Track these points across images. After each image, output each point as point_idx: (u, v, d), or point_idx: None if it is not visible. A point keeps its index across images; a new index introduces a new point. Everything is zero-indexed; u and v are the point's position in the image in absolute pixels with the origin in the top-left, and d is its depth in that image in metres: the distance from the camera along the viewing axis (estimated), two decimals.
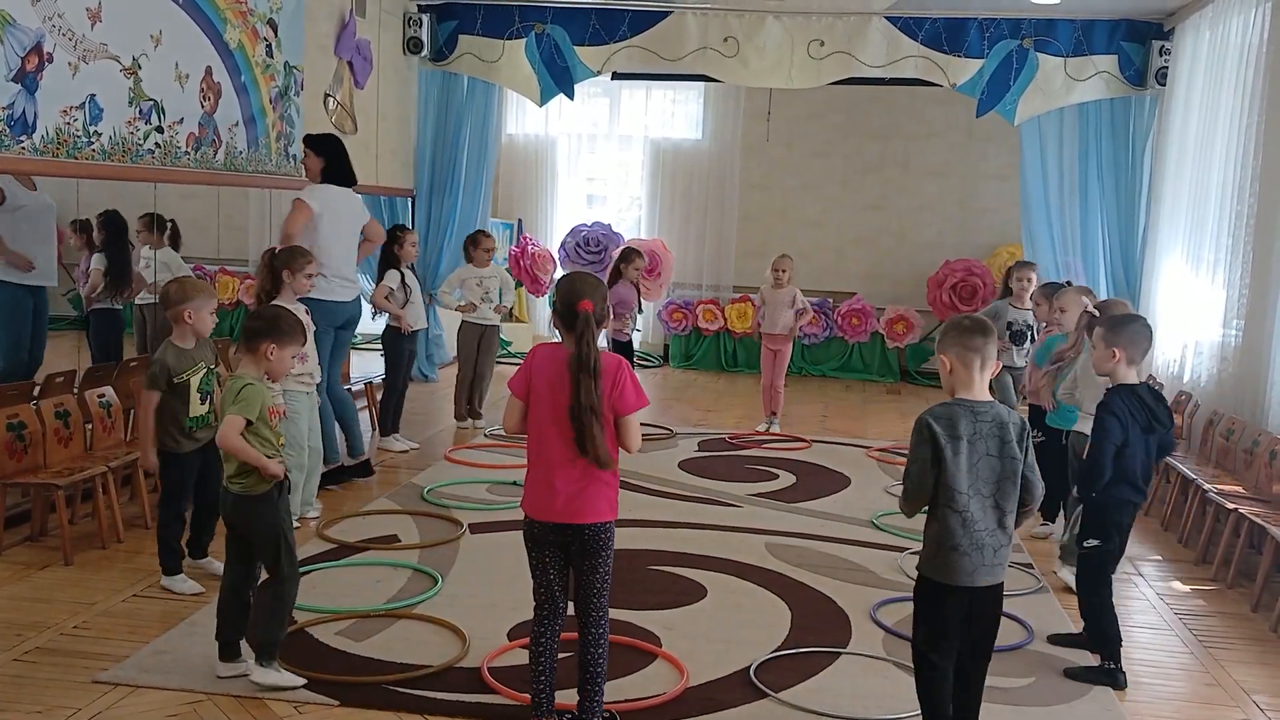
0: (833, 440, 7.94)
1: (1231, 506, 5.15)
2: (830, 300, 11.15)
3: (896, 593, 4.62)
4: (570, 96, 9.74)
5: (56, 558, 4.68)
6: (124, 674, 3.60)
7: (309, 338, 4.80)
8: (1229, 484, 5.62)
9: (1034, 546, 5.54)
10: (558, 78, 9.52)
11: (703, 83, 10.81)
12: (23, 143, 4.73)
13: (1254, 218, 6.43)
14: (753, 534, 5.51)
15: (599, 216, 11.74)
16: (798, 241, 11.36)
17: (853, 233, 11.66)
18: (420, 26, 9.34)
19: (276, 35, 6.93)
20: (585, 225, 11.43)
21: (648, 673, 3.79)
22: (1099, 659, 3.99)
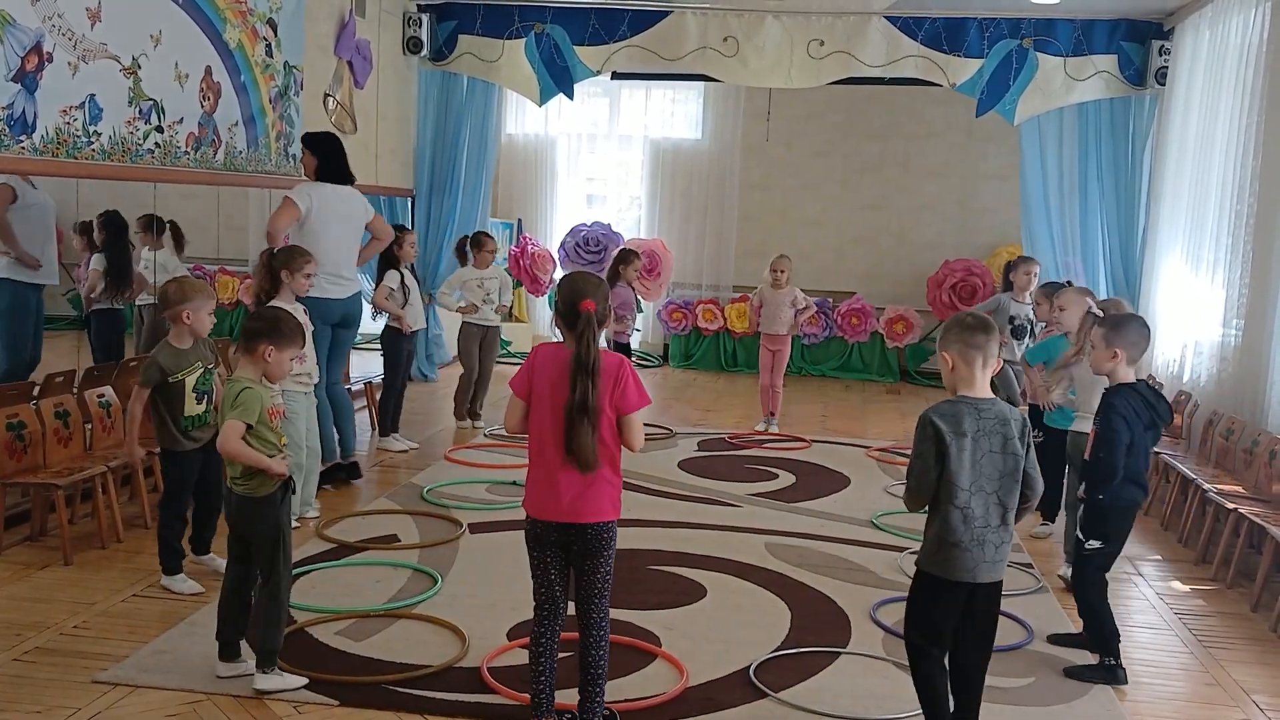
0: (832, 440, 7.93)
1: (1231, 506, 5.15)
2: (830, 300, 11.15)
3: (896, 593, 4.61)
4: (570, 96, 9.75)
5: (56, 557, 4.68)
6: (124, 674, 3.60)
7: (308, 339, 4.80)
8: (1229, 484, 5.62)
9: (1034, 546, 5.54)
10: (557, 77, 9.52)
11: (702, 82, 10.82)
12: (22, 142, 4.73)
13: (1254, 217, 6.43)
14: (752, 534, 5.51)
15: (599, 216, 11.73)
16: (797, 241, 11.36)
17: (852, 232, 11.66)
18: (420, 26, 9.34)
19: (276, 35, 6.93)
20: (585, 225, 11.43)
21: (647, 672, 3.79)
22: (1097, 657, 3.99)
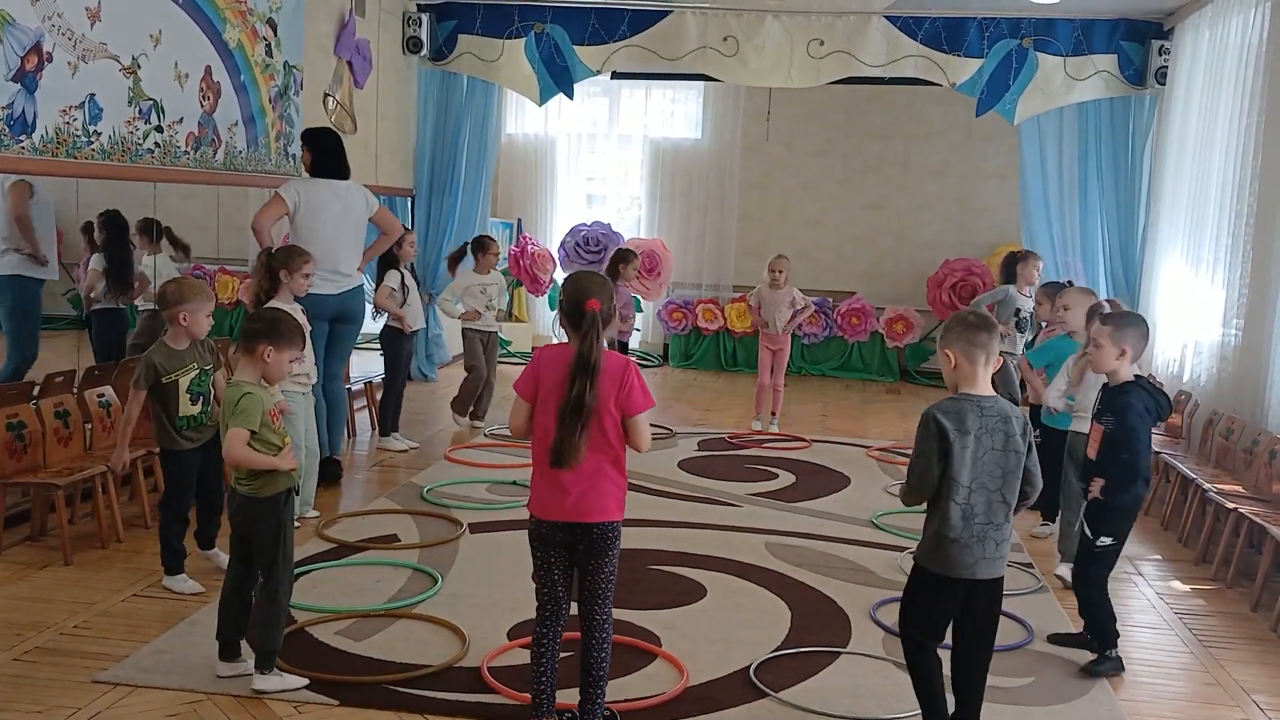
0: (832, 440, 7.93)
1: (1231, 506, 5.15)
2: (830, 300, 11.15)
3: (897, 592, 4.57)
4: (570, 96, 9.74)
5: (56, 557, 4.68)
6: (124, 674, 3.60)
7: (306, 341, 4.80)
8: (1229, 483, 5.62)
9: (1034, 546, 5.54)
10: (557, 77, 9.52)
11: (702, 82, 10.81)
12: (22, 142, 4.72)
13: (1253, 217, 6.43)
14: (753, 534, 5.51)
15: (598, 216, 11.73)
16: (797, 241, 11.37)
17: (852, 232, 11.66)
18: (420, 26, 9.34)
19: (276, 35, 6.93)
20: (585, 225, 11.43)
21: (648, 672, 3.79)
22: (1097, 653, 4.02)
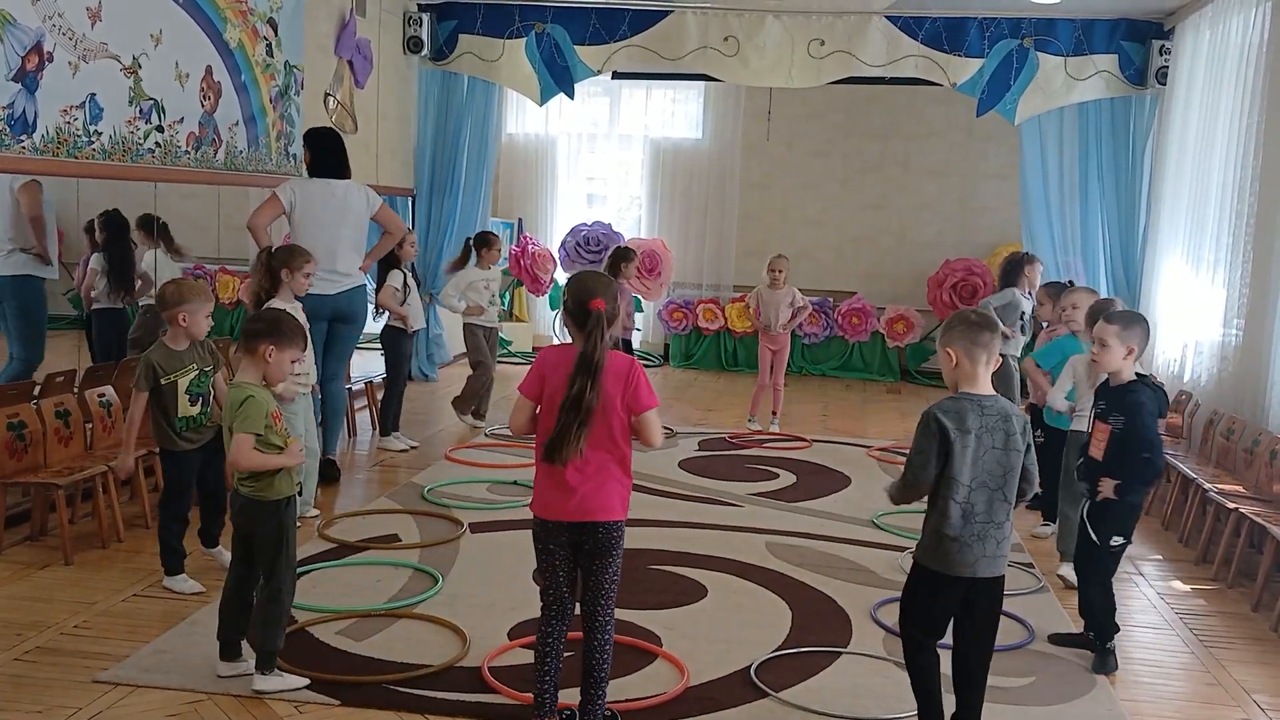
0: (833, 440, 7.93)
1: (1232, 506, 5.15)
2: (830, 299, 11.15)
3: (897, 592, 4.57)
4: (570, 96, 9.75)
5: (57, 557, 4.68)
6: (124, 674, 3.60)
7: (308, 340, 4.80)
8: (1229, 483, 5.62)
9: (1035, 546, 5.54)
10: (558, 77, 9.52)
11: (703, 82, 10.81)
12: (23, 142, 4.73)
13: (1254, 217, 6.43)
14: (753, 533, 5.51)
15: (599, 216, 11.73)
16: (798, 241, 11.37)
17: (853, 232, 11.66)
18: (420, 26, 9.34)
19: (276, 34, 6.93)
20: (585, 224, 11.43)
21: (648, 672, 3.79)
22: (1097, 649, 4.04)
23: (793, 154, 11.62)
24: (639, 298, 10.66)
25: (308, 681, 3.54)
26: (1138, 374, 4.08)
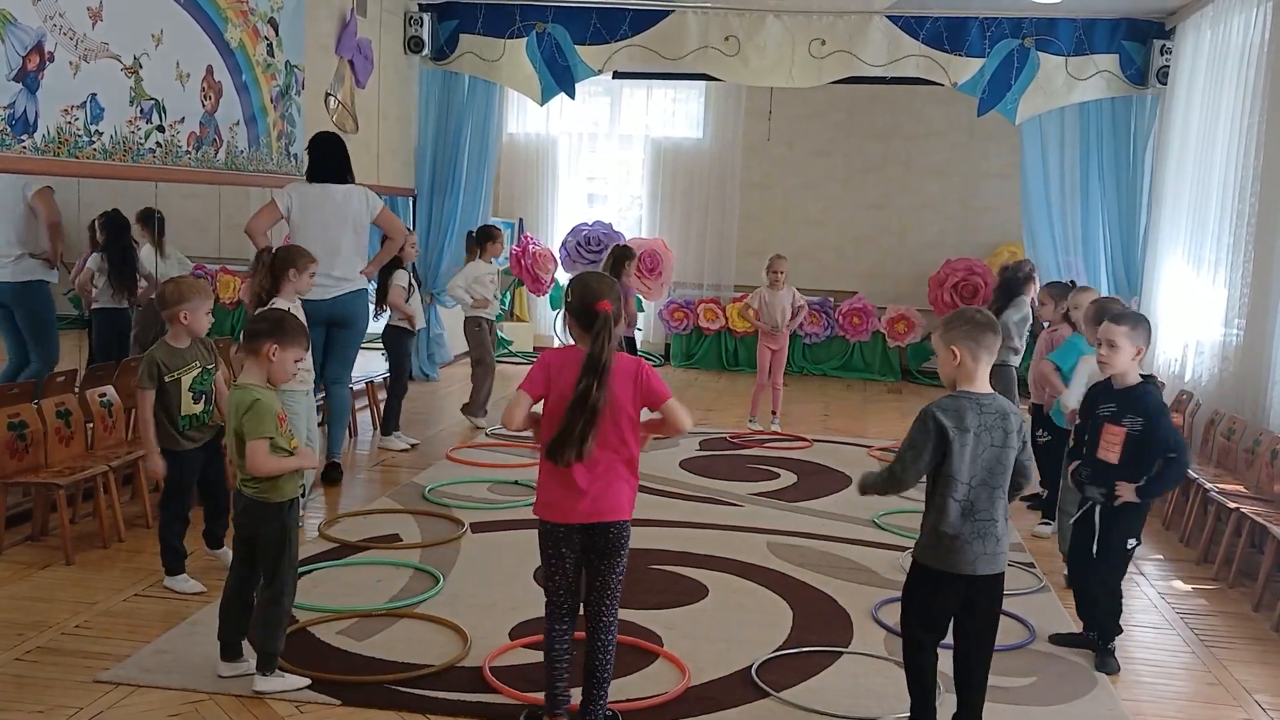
0: (834, 440, 7.93)
1: (1233, 506, 5.15)
2: (831, 299, 11.15)
3: (898, 592, 4.57)
4: (571, 96, 9.74)
5: (58, 557, 4.68)
6: (125, 673, 3.60)
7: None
8: (1230, 483, 5.62)
9: (1035, 546, 5.54)
10: (559, 77, 9.52)
11: (704, 82, 10.81)
12: (24, 142, 4.73)
13: (1255, 217, 6.43)
14: (754, 533, 5.51)
15: (600, 215, 11.73)
16: (799, 240, 11.37)
17: (854, 232, 11.66)
18: (421, 26, 9.35)
19: (277, 34, 6.93)
20: (586, 224, 11.42)
21: (649, 672, 3.79)
22: (1099, 649, 4.05)
23: (794, 154, 11.63)
24: (640, 297, 10.66)
25: (309, 681, 3.54)
26: (1142, 374, 4.08)
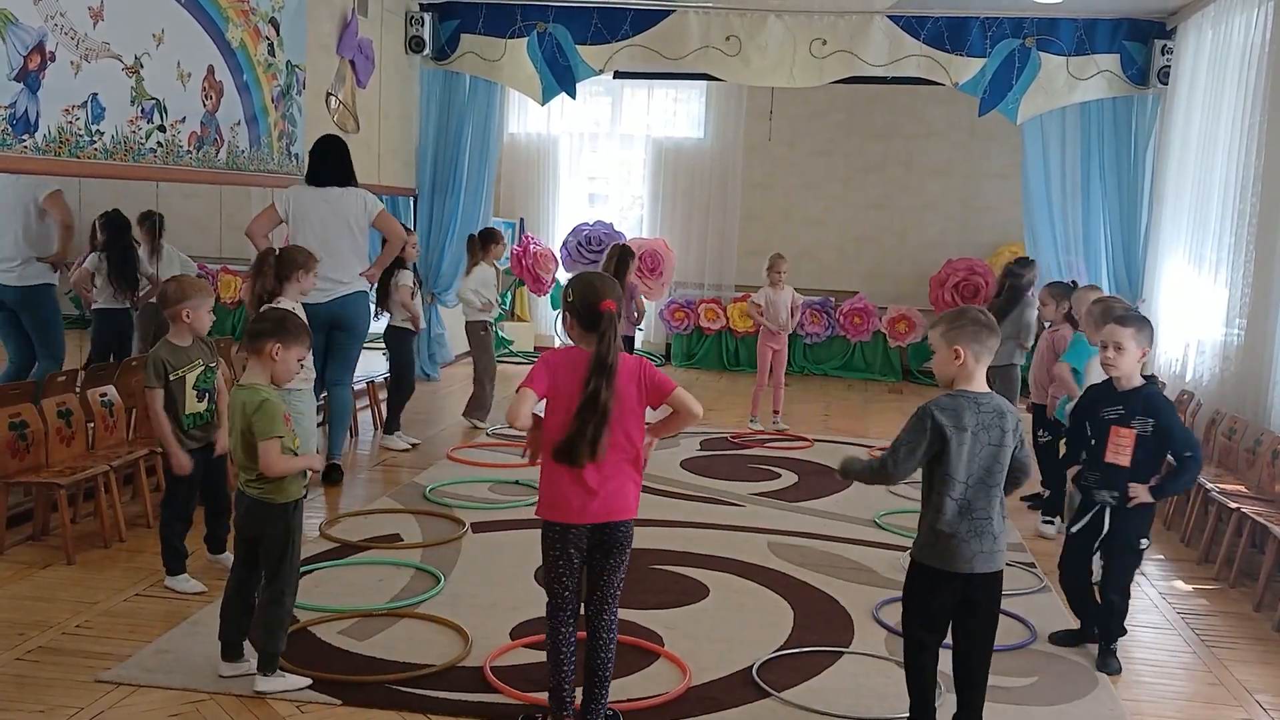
0: (835, 439, 7.93)
1: (1234, 506, 5.15)
2: (832, 299, 11.15)
3: (899, 592, 4.57)
4: (572, 95, 9.74)
5: (58, 557, 4.68)
6: (126, 673, 3.60)
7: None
8: (1231, 483, 5.62)
9: (1036, 546, 5.54)
10: (560, 77, 9.52)
11: (705, 82, 10.81)
12: (25, 142, 4.73)
13: (1256, 217, 6.42)
14: (755, 533, 5.51)
15: (601, 215, 11.72)
16: (800, 240, 11.37)
17: (855, 231, 11.66)
18: (422, 25, 9.35)
19: (278, 34, 6.93)
20: (587, 224, 11.42)
21: (650, 672, 3.79)
22: (1100, 650, 4.05)
23: (795, 153, 11.62)
24: (642, 296, 10.65)
25: (310, 681, 3.54)
26: (1143, 375, 4.09)
